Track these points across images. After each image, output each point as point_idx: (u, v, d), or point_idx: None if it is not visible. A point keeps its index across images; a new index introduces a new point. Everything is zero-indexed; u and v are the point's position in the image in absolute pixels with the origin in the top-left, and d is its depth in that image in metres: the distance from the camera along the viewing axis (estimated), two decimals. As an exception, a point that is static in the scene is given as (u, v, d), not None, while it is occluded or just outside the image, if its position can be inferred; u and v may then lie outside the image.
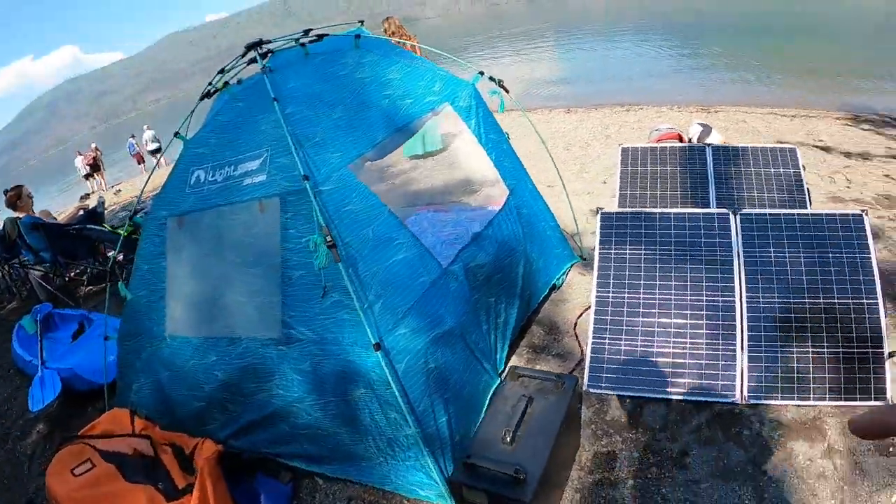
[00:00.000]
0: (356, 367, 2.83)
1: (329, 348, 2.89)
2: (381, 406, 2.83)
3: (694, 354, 3.28)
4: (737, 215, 3.62)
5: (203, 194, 3.20)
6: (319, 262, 2.78)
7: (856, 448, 2.83)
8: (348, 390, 2.89)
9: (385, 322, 2.83)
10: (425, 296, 3.01)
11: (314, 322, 2.91)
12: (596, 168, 7.37)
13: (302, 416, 3.05)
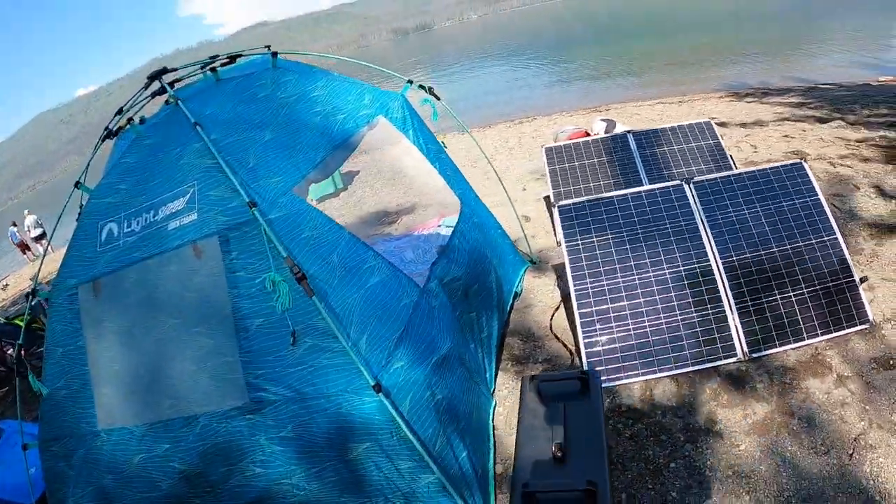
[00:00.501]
0: (352, 419, 2.43)
1: (313, 404, 2.45)
2: (389, 458, 2.44)
3: (687, 324, 3.25)
4: (690, 184, 3.70)
5: (119, 250, 2.68)
6: (282, 304, 2.38)
7: (861, 370, 2.92)
8: (347, 448, 2.47)
9: (376, 358, 2.47)
10: (412, 320, 2.73)
11: (288, 377, 2.42)
12: (510, 178, 7.46)
13: (293, 495, 2.50)
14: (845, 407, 2.75)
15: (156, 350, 2.67)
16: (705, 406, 2.95)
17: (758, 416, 2.83)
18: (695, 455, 2.71)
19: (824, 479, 2.47)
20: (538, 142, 8.49)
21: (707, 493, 2.53)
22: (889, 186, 4.58)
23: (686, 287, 3.35)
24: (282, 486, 2.54)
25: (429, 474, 2.47)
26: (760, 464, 2.60)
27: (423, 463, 2.44)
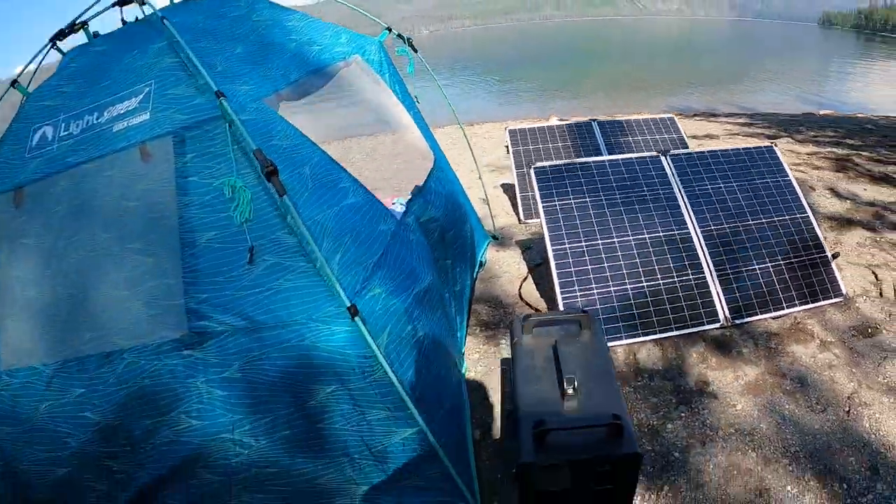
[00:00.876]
0: (316, 354, 1.97)
1: (269, 335, 1.96)
2: (358, 406, 2.00)
3: (669, 289, 3.10)
4: (666, 156, 3.62)
5: (51, 155, 2.21)
6: (241, 213, 1.92)
7: (842, 337, 2.89)
8: (306, 393, 2.00)
9: (350, 282, 2.01)
10: (391, 247, 2.33)
11: (239, 302, 1.94)
12: (463, 169, 7.25)
13: (235, 455, 1.99)
14: (833, 369, 2.67)
15: (82, 270, 2.13)
16: (694, 369, 2.77)
17: (749, 377, 2.69)
18: (691, 416, 2.50)
19: (828, 434, 2.34)
20: (490, 141, 8.35)
21: (711, 451, 2.32)
22: (842, 189, 4.78)
23: (667, 252, 3.21)
24: (221, 444, 2.02)
25: (405, 428, 2.08)
26: (760, 422, 2.44)
27: (400, 413, 2.05)
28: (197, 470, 2.04)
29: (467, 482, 2.20)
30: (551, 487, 1.77)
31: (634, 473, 1.73)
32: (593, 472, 1.73)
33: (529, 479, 1.73)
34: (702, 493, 2.15)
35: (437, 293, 2.53)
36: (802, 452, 2.28)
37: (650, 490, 2.20)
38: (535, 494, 1.79)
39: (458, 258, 3.16)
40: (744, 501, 2.11)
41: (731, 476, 2.22)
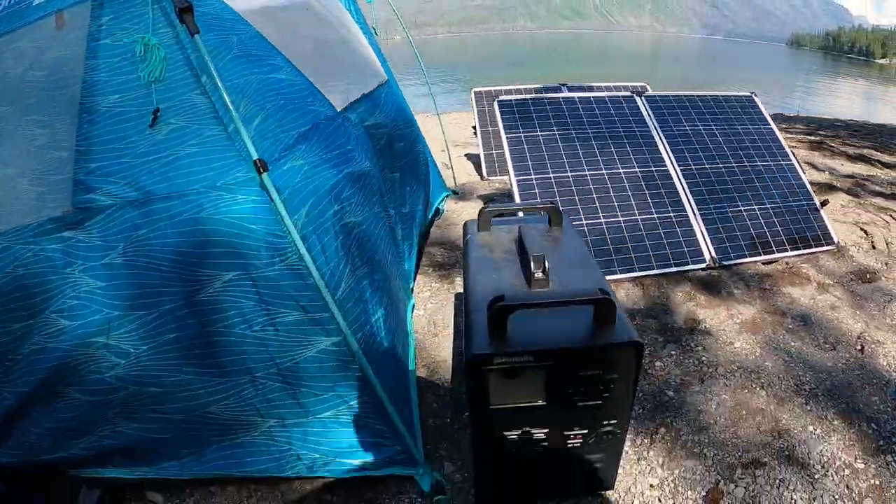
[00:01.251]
0: (216, 229, 1.46)
1: (161, 207, 1.47)
2: (264, 302, 1.48)
3: (649, 225, 2.67)
4: (641, 96, 3.25)
5: None
6: (151, 72, 1.50)
7: (841, 281, 2.55)
8: (199, 282, 1.47)
9: (266, 147, 1.53)
10: (323, 126, 1.84)
11: (135, 170, 1.49)
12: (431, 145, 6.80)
13: (110, 366, 1.48)
14: (836, 310, 2.30)
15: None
16: (681, 307, 2.34)
17: (745, 316, 2.27)
18: (682, 354, 2.05)
19: (844, 372, 1.94)
20: (458, 127, 7.89)
21: (713, 390, 1.87)
22: (820, 164, 4.60)
23: (644, 189, 2.80)
24: (93, 352, 1.49)
25: (323, 337, 1.54)
26: (765, 360, 2.01)
27: (318, 315, 1.52)
28: (65, 389, 1.52)
29: (406, 421, 1.65)
30: (515, 397, 1.26)
31: (633, 374, 1.24)
32: (575, 373, 1.22)
33: (482, 384, 1.21)
34: (707, 436, 1.68)
35: (376, 186, 2.00)
36: (819, 390, 1.86)
37: (641, 434, 1.71)
38: (492, 413, 1.26)
39: (409, 176, 2.64)
40: (760, 444, 1.65)
41: (739, 416, 1.76)
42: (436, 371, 2.02)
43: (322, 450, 1.62)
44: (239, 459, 1.64)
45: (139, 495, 1.60)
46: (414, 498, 1.56)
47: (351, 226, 1.72)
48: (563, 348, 1.17)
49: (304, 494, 1.61)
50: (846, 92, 21.65)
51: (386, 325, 1.70)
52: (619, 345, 1.18)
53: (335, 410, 1.60)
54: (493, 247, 1.66)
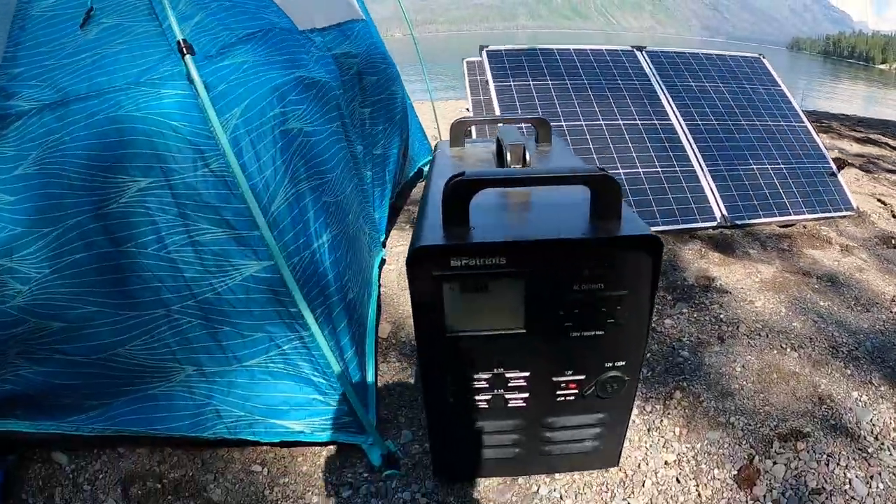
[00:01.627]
0: (132, 127, 1.15)
1: (78, 108, 1.17)
2: (184, 215, 1.17)
3: (652, 178, 2.36)
4: (642, 51, 2.94)
5: None
6: None
7: (865, 244, 2.25)
8: (112, 189, 1.15)
9: (204, 43, 1.25)
10: (277, 33, 1.50)
11: (59, 72, 1.21)
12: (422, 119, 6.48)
13: (13, 293, 1.17)
14: (864, 272, 2.00)
15: None
16: (692, 265, 2.02)
17: (764, 275, 1.96)
18: (696, 312, 1.73)
19: (883, 334, 1.63)
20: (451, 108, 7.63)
21: (735, 351, 1.54)
22: (827, 144, 4.21)
23: (647, 141, 2.49)
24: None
25: (252, 261, 1.20)
26: (792, 321, 1.69)
27: (245, 232, 1.19)
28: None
29: (357, 378, 1.31)
30: (482, 321, 0.92)
31: (647, 290, 0.89)
32: (566, 287, 0.88)
33: (433, 298, 0.87)
34: (733, 403, 1.35)
35: (335, 102, 1.65)
36: (859, 353, 1.55)
37: (651, 399, 1.38)
38: (449, 345, 0.92)
39: (382, 116, 2.29)
40: (798, 412, 1.33)
41: (770, 381, 1.43)
42: (402, 327, 1.68)
43: (248, 406, 1.27)
44: (150, 414, 1.29)
45: (45, 456, 1.25)
46: (360, 472, 1.21)
47: (296, 133, 1.38)
48: (548, 242, 0.83)
49: (229, 463, 1.25)
50: (847, 94, 21.72)
51: (332, 256, 1.35)
52: (627, 241, 0.84)
53: (264, 357, 1.25)
54: (464, 157, 1.33)
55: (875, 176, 3.24)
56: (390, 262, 2.07)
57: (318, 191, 1.38)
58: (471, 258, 0.81)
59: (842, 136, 4.58)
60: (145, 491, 1.19)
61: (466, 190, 0.83)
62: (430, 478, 1.17)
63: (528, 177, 0.87)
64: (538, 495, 1.13)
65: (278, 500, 1.17)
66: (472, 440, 1.04)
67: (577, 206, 0.91)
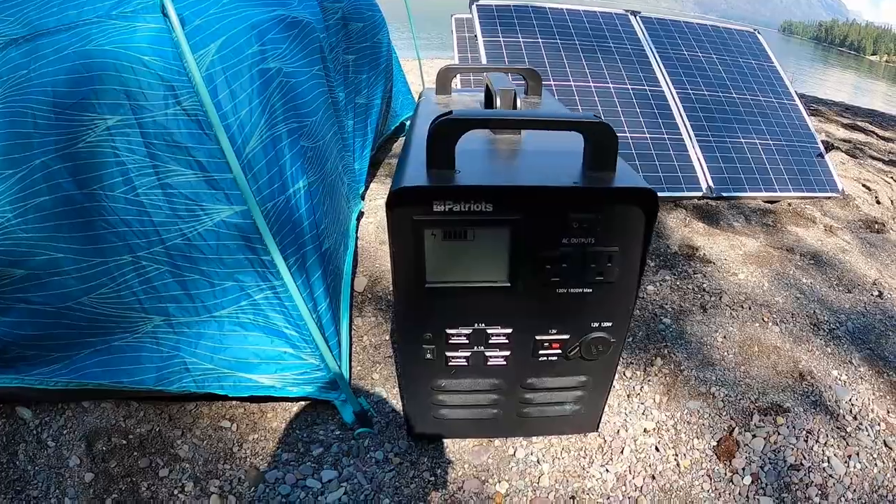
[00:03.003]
0: (102, 62, 1.04)
1: (46, 42, 1.06)
2: (154, 155, 1.08)
3: (639, 144, 2.31)
4: (636, 16, 2.87)
5: None
6: None
7: (848, 227, 2.24)
8: (72, 130, 1.05)
9: None
10: None
11: (28, 4, 1.10)
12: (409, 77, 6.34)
13: None
14: (847, 254, 1.99)
15: None
16: (676, 233, 1.99)
17: (748, 248, 1.94)
18: (679, 280, 1.71)
19: (864, 315, 1.62)
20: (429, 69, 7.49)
21: (718, 322, 1.53)
22: (816, 128, 4.25)
23: (636, 106, 2.44)
24: None
25: (224, 205, 1.14)
26: (775, 295, 1.68)
27: (217, 175, 1.13)
28: None
29: (330, 332, 1.25)
30: (464, 272, 0.87)
31: (639, 246, 0.85)
32: (554, 239, 0.84)
33: (413, 243, 0.82)
34: (714, 373, 1.34)
35: (317, 44, 1.56)
36: (840, 332, 1.54)
37: (632, 364, 1.36)
38: (428, 296, 0.87)
39: (367, 63, 2.20)
40: (779, 386, 1.32)
41: (751, 353, 1.42)
42: (380, 280, 1.63)
43: (217, 359, 1.21)
44: (115, 367, 1.23)
45: (8, 411, 1.18)
46: (331, 430, 1.17)
47: (274, 72, 1.30)
48: (537, 189, 0.78)
49: (197, 418, 1.20)
50: (836, 81, 21.84)
51: (308, 203, 1.28)
52: (621, 192, 0.79)
53: (235, 307, 1.20)
54: (451, 104, 1.27)
55: (861, 161, 3.23)
56: (368, 215, 2.01)
57: (295, 134, 1.31)
58: (455, 202, 0.76)
59: (829, 120, 4.58)
60: (110, 447, 1.13)
61: (453, 130, 0.77)
62: (403, 437, 1.13)
63: (520, 119, 0.81)
64: (515, 458, 1.10)
65: (247, 457, 1.12)
66: (448, 399, 1.00)
67: (569, 155, 0.86)
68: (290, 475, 1.06)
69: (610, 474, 1.09)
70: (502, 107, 1.00)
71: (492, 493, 1.04)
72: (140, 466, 1.09)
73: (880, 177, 3.00)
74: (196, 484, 1.06)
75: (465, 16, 4.38)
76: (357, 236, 1.80)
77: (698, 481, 1.08)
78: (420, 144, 0.82)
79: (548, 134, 0.99)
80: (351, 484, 1.04)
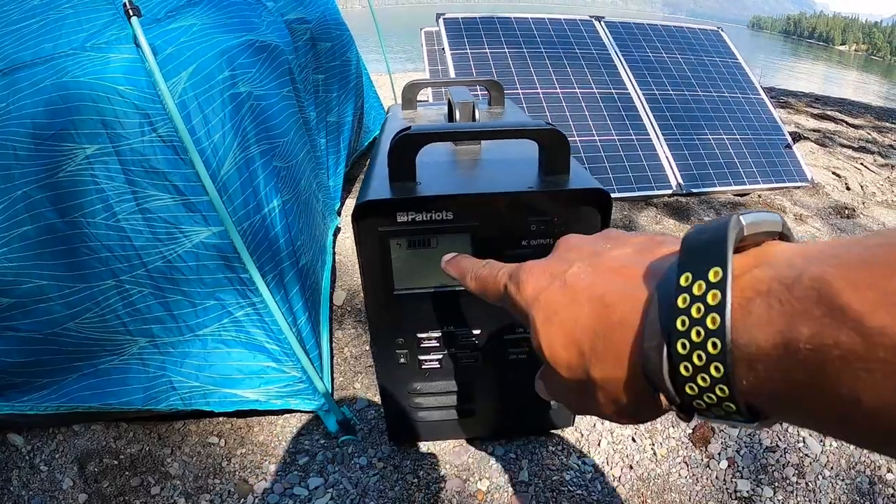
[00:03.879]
0: (78, 94, 1.09)
1: (23, 76, 1.10)
2: (132, 182, 1.12)
3: (608, 147, 2.38)
4: (601, 21, 2.94)
5: None
6: None
7: (819, 213, 2.29)
8: (52, 160, 1.10)
9: (152, 5, 1.21)
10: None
11: (4, 39, 1.13)
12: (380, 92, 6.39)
13: None
14: (818, 240, 2.02)
15: None
16: (648, 229, 2.04)
17: (718, 241, 1.98)
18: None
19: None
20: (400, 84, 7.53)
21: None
22: (784, 119, 4.38)
23: (603, 109, 2.50)
24: None
25: (202, 227, 1.18)
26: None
27: (194, 197, 1.16)
28: None
29: (310, 345, 1.29)
30: (430, 277, 0.91)
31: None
32: (514, 241, 0.88)
33: (380, 253, 0.86)
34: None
35: (286, 66, 1.61)
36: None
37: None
38: (397, 302, 0.92)
39: (336, 82, 2.25)
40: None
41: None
42: (357, 294, 1.67)
43: (202, 377, 1.25)
44: (104, 389, 1.26)
45: (0, 439, 1.21)
46: (316, 440, 1.20)
47: (245, 96, 1.34)
48: (494, 195, 0.82)
49: (186, 436, 1.23)
50: (806, 72, 22.23)
51: (283, 221, 1.32)
52: (574, 194, 0.84)
53: (217, 325, 1.23)
54: (416, 119, 1.32)
55: (830, 150, 3.32)
56: (345, 231, 2.05)
57: (268, 155, 1.35)
58: (417, 212, 0.80)
59: (799, 111, 4.69)
60: (102, 468, 1.16)
61: (412, 144, 0.81)
62: (386, 442, 1.17)
63: (475, 130, 0.86)
64: (494, 456, 1.14)
65: (236, 470, 1.15)
66: (425, 401, 1.04)
67: (525, 162, 0.91)
68: (277, 485, 1.09)
69: (588, 466, 1.13)
70: (461, 119, 1.05)
71: (473, 490, 1.07)
72: (132, 485, 1.12)
73: (850, 163, 3.08)
74: (188, 500, 1.09)
75: (435, 29, 4.44)
76: (334, 251, 1.84)
77: (675, 468, 1.13)
78: (383, 159, 0.86)
79: (506, 143, 1.05)
80: (337, 490, 1.07)
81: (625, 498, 1.08)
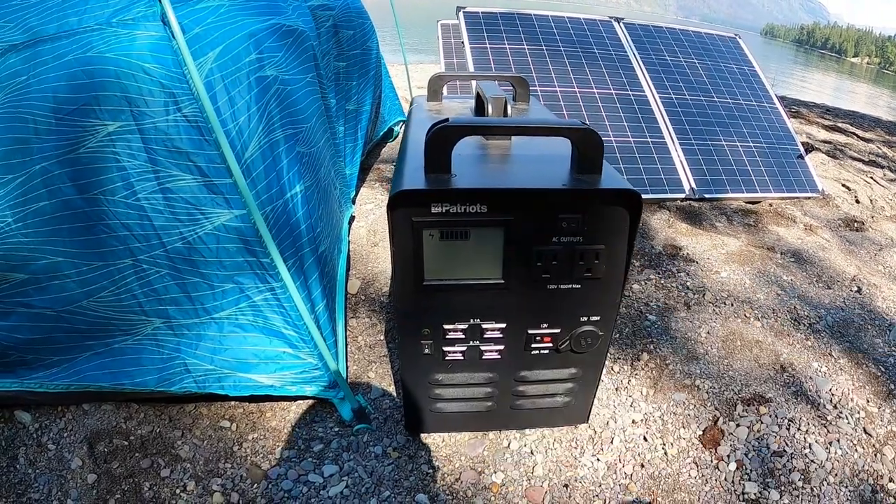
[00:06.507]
0: (103, 69, 1.07)
1: (47, 49, 1.07)
2: (154, 161, 1.11)
3: (623, 148, 2.37)
4: (620, 22, 2.93)
5: None
6: None
7: (829, 225, 2.31)
8: (80, 132, 1.08)
9: None
10: None
11: (25, 13, 1.11)
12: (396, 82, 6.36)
13: None
14: (827, 251, 2.05)
15: None
16: (660, 233, 2.05)
17: (730, 247, 2.00)
18: (664, 279, 1.76)
19: (843, 310, 1.68)
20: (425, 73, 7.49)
21: (701, 318, 1.58)
22: (797, 129, 4.36)
23: (620, 111, 2.49)
24: None
25: (224, 209, 1.17)
26: (756, 292, 1.74)
27: (218, 180, 1.16)
28: None
29: (327, 332, 1.29)
30: (461, 270, 0.91)
31: (625, 244, 0.90)
32: (545, 238, 0.88)
33: (413, 243, 0.86)
34: (699, 367, 1.38)
35: (311, 52, 1.60)
36: (820, 326, 1.60)
37: (620, 360, 1.40)
38: (426, 293, 0.91)
39: (356, 70, 2.24)
40: (761, 378, 1.37)
41: (734, 347, 1.47)
42: (372, 282, 1.66)
43: (217, 360, 1.24)
44: (116, 369, 1.25)
45: (7, 416, 1.20)
46: (330, 427, 1.20)
47: (271, 80, 1.33)
48: (529, 191, 0.82)
49: (197, 419, 1.23)
50: (817, 83, 22.24)
51: (305, 207, 1.32)
52: (607, 194, 0.84)
53: (234, 308, 1.22)
54: (442, 111, 1.31)
55: (841, 162, 3.32)
56: (359, 220, 2.04)
57: (291, 140, 1.34)
58: (452, 204, 0.80)
59: (810, 122, 4.68)
60: (112, 448, 1.16)
61: (450, 136, 0.81)
62: (401, 432, 1.17)
63: (513, 126, 0.86)
64: (509, 450, 1.14)
65: (247, 455, 1.15)
66: (445, 393, 1.03)
67: (558, 160, 0.90)
68: (291, 471, 1.09)
69: (601, 463, 1.13)
70: (493, 114, 1.04)
71: (488, 483, 1.07)
72: (142, 467, 1.11)
73: (860, 177, 3.08)
74: (198, 483, 1.08)
75: (451, 22, 4.44)
76: (349, 240, 1.83)
77: (685, 468, 1.13)
78: (416, 149, 0.86)
79: (536, 139, 1.04)
80: (352, 478, 1.07)
81: (636, 495, 1.08)
